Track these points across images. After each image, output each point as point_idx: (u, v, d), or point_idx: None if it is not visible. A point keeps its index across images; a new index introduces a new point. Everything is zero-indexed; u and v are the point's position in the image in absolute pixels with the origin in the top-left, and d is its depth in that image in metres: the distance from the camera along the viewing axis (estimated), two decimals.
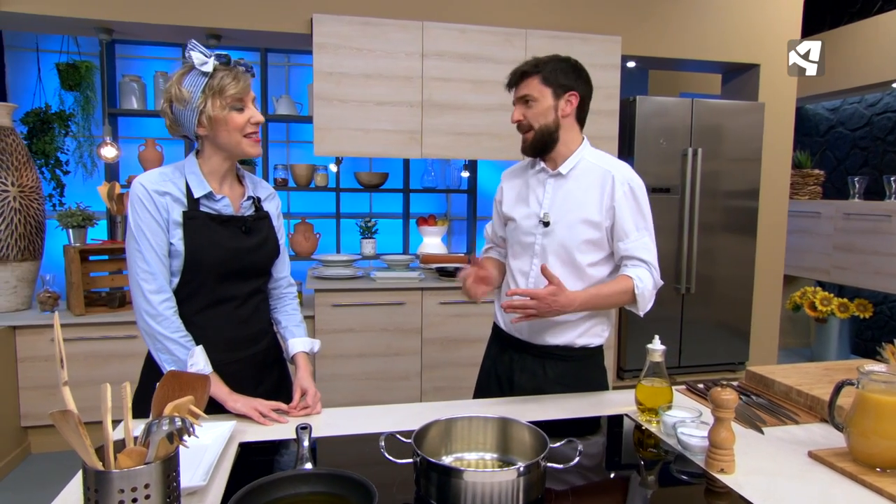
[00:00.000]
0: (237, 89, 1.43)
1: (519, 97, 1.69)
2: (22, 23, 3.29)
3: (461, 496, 1.03)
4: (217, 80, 1.42)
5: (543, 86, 1.66)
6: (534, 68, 1.67)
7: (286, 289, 1.72)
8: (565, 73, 1.69)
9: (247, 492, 0.96)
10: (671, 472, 1.26)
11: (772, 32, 3.90)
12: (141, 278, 1.43)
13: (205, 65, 1.43)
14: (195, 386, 0.88)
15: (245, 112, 1.46)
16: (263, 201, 1.62)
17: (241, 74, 1.46)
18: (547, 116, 1.66)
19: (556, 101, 1.67)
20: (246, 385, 1.54)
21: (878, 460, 1.19)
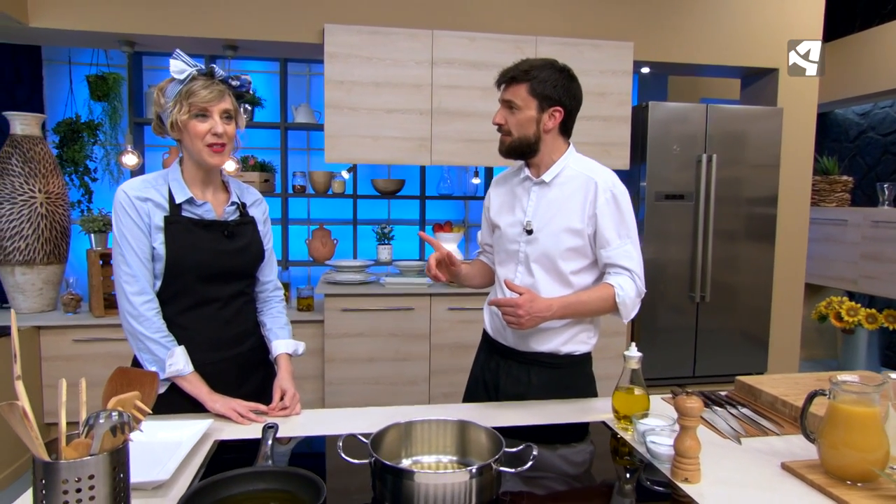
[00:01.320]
0: (201, 97, 1.46)
1: (504, 101, 1.66)
2: (51, 38, 3.45)
3: (414, 497, 1.04)
4: (187, 87, 1.47)
5: (529, 96, 1.62)
6: (523, 75, 1.63)
7: (272, 292, 1.76)
8: (554, 85, 1.63)
9: (199, 488, 1.00)
10: (635, 481, 1.25)
11: (791, 36, 3.82)
12: (124, 280, 1.49)
13: (181, 73, 1.48)
14: (143, 382, 0.92)
15: (207, 122, 1.48)
16: (249, 207, 1.67)
17: (214, 86, 1.48)
18: (528, 128, 1.64)
19: (540, 115, 1.64)
20: (229, 385, 1.58)
21: (848, 473, 1.16)
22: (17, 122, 3.26)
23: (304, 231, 4.33)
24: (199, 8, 3.31)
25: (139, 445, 1.30)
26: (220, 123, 1.49)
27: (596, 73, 3.53)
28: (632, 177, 3.79)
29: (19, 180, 3.18)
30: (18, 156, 3.21)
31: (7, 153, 3.22)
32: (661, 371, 3.68)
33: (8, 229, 3.18)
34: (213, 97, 1.48)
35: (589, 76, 3.53)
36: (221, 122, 1.50)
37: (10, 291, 3.29)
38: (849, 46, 4.61)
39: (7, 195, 3.17)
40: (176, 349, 1.49)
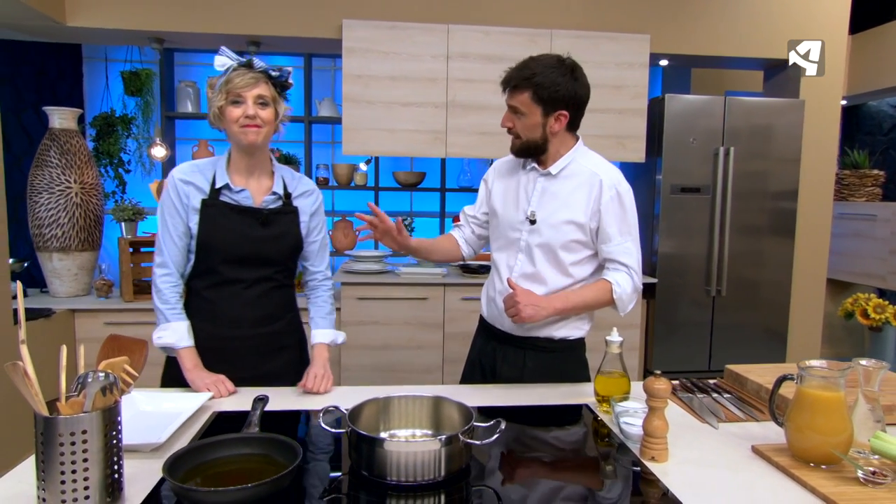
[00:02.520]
0: (235, 84, 1.57)
1: (511, 106, 1.67)
2: (87, 36, 3.63)
3: (386, 465, 1.12)
4: (226, 76, 1.58)
5: (533, 103, 1.63)
6: (526, 82, 1.62)
7: (321, 281, 1.86)
8: (557, 89, 1.62)
9: (185, 451, 1.09)
10: (606, 460, 1.30)
11: (815, 27, 3.75)
12: (155, 252, 1.65)
13: (222, 66, 1.59)
14: (132, 349, 1.02)
15: (241, 107, 1.58)
16: (296, 198, 1.74)
17: (249, 73, 1.59)
18: (534, 132, 1.67)
19: (545, 119, 1.65)
20: (249, 361, 1.69)
21: (811, 455, 1.19)
22: (55, 117, 3.44)
23: (328, 222, 4.44)
24: (224, 6, 3.44)
25: (144, 413, 1.41)
26: (251, 107, 1.59)
27: (611, 66, 3.54)
28: (647, 170, 3.79)
29: (56, 171, 3.36)
30: (56, 148, 3.39)
31: (46, 146, 3.41)
32: (676, 364, 3.67)
33: (46, 218, 3.37)
34: (247, 83, 1.58)
35: (604, 69, 3.54)
36: (254, 106, 1.59)
37: (49, 276, 3.48)
38: (879, 37, 4.49)
39: (45, 185, 3.36)
40: (173, 324, 1.61)
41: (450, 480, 1.15)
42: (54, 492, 0.93)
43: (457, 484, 1.16)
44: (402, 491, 1.12)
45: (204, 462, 1.10)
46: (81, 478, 0.94)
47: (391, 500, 1.10)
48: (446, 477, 1.14)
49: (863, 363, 1.25)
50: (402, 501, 1.10)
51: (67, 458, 0.93)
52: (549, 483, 1.19)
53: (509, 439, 1.40)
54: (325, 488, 1.14)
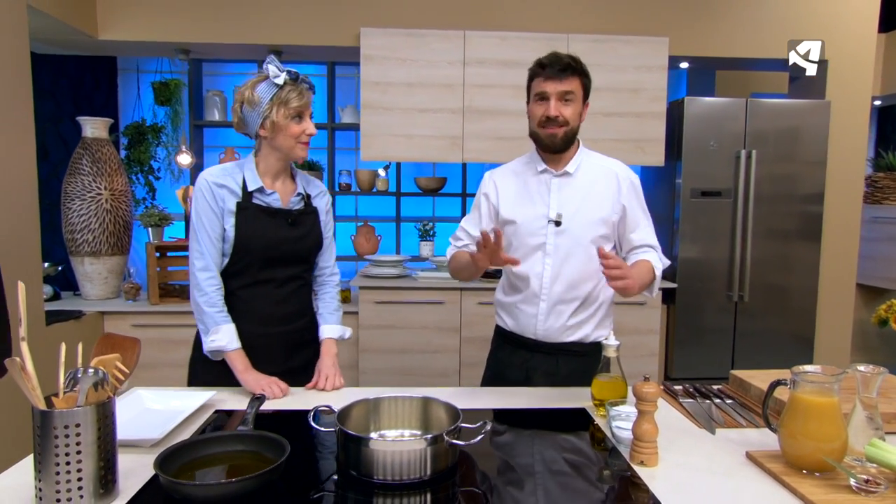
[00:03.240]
0: (300, 103, 1.65)
1: (561, 91, 1.67)
2: (117, 48, 3.78)
3: (373, 464, 1.14)
4: (285, 93, 1.64)
5: (581, 90, 1.71)
6: (578, 66, 1.69)
7: (329, 276, 1.91)
8: (589, 79, 1.74)
9: (177, 447, 1.13)
10: (595, 462, 1.29)
11: (843, 25, 3.66)
12: (194, 256, 1.69)
13: (277, 77, 1.64)
14: (125, 347, 1.07)
15: (302, 124, 1.67)
16: (314, 198, 1.82)
17: (304, 91, 1.67)
18: (577, 118, 1.72)
19: (582, 107, 1.73)
20: (276, 358, 1.74)
21: (805, 462, 1.17)
22: (87, 126, 3.58)
23: (351, 227, 4.51)
24: (246, 17, 3.54)
25: (150, 410, 1.47)
26: (312, 125, 1.69)
27: (630, 70, 3.51)
28: (667, 174, 3.74)
29: (88, 179, 3.50)
30: (88, 156, 3.53)
31: (79, 154, 3.55)
32: (697, 371, 3.61)
33: (78, 223, 3.50)
34: (306, 102, 1.67)
35: (622, 72, 3.52)
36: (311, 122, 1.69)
37: (80, 280, 3.62)
38: None
39: (78, 192, 3.50)
40: (223, 326, 1.65)
41: (436, 480, 1.16)
42: (50, 483, 0.98)
43: (443, 483, 1.17)
44: (389, 489, 1.14)
45: (196, 458, 1.14)
46: (75, 469, 0.99)
47: (378, 499, 1.12)
48: (432, 476, 1.16)
49: (861, 369, 1.22)
50: (389, 500, 1.12)
51: (62, 450, 0.98)
52: (535, 486, 1.19)
53: (502, 441, 1.41)
54: (315, 487, 1.16)
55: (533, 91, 1.74)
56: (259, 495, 1.06)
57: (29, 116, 2.88)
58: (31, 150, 2.88)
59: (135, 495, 1.08)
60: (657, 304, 3.55)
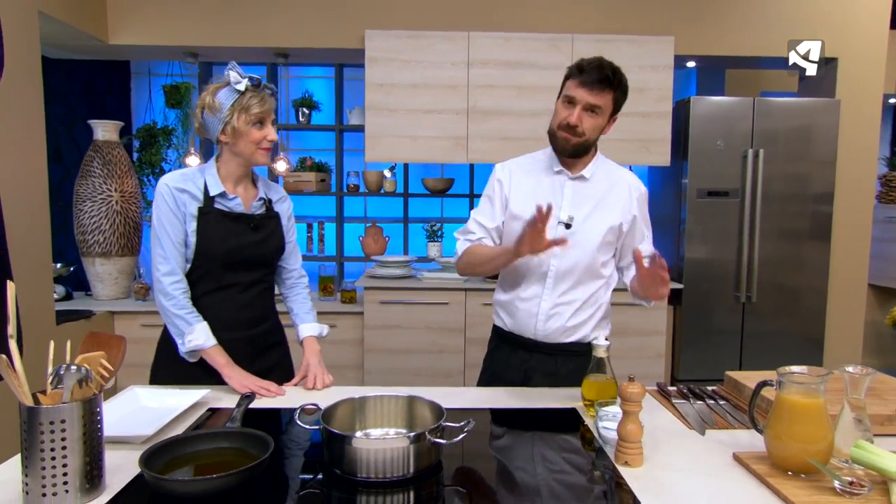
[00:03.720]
0: (260, 110, 1.65)
1: (589, 103, 1.63)
2: (127, 52, 3.84)
3: (356, 462, 1.15)
4: (246, 99, 1.64)
5: (611, 104, 1.67)
6: (616, 81, 1.65)
7: (297, 279, 1.93)
8: (625, 96, 1.71)
9: (165, 443, 1.15)
10: (580, 462, 1.29)
11: (852, 22, 3.60)
12: (157, 262, 1.68)
13: (238, 84, 1.64)
14: (110, 345, 1.09)
15: (263, 130, 1.67)
16: (275, 203, 1.83)
17: (266, 97, 1.67)
18: (597, 132, 1.70)
19: (607, 123, 1.71)
20: (242, 362, 1.74)
21: (790, 463, 1.16)
22: (98, 129, 3.64)
23: (360, 228, 4.54)
24: (253, 20, 3.58)
25: (145, 408, 1.50)
26: (273, 131, 1.69)
27: (635, 69, 3.49)
28: (673, 173, 3.72)
29: (99, 181, 3.56)
30: (99, 159, 3.59)
31: (90, 157, 3.61)
32: (704, 372, 3.58)
33: (89, 224, 3.57)
34: (267, 108, 1.67)
35: (627, 72, 3.42)
36: (273, 129, 1.70)
37: (92, 280, 3.68)
38: None
39: (89, 194, 3.56)
40: (197, 325, 1.67)
41: (420, 478, 1.17)
42: (36, 477, 1.00)
43: (428, 481, 1.18)
44: (373, 487, 1.15)
45: (182, 455, 1.16)
46: (61, 464, 1.01)
47: (362, 497, 1.13)
48: (416, 474, 1.16)
49: (849, 370, 1.21)
50: (373, 498, 1.13)
51: (48, 445, 1.00)
52: (518, 485, 1.19)
53: (490, 441, 1.42)
54: (300, 484, 1.18)
55: (564, 91, 1.69)
56: (243, 492, 1.08)
57: (40, 120, 2.94)
58: (41, 154, 2.94)
59: (120, 491, 1.10)
60: (663, 304, 3.53)
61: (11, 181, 2.70)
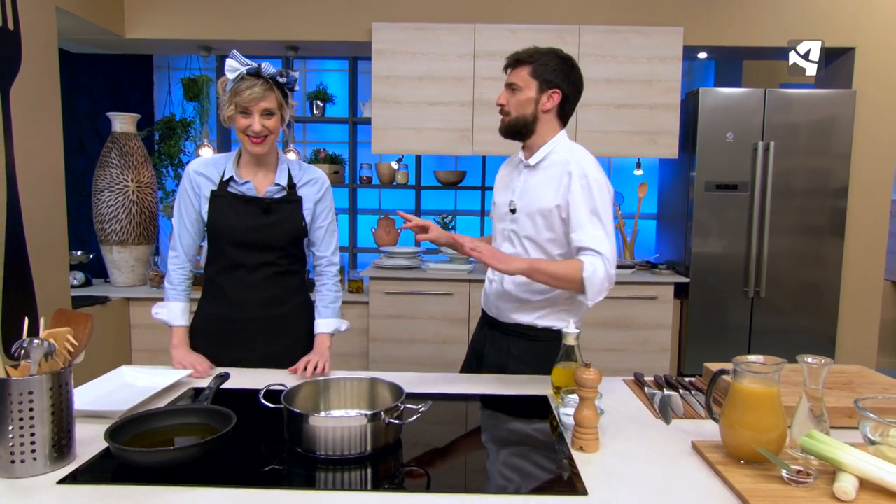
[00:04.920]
0: (244, 97, 1.67)
1: (508, 84, 1.77)
2: (143, 46, 3.95)
3: (315, 440, 1.19)
4: (236, 86, 1.69)
5: (531, 77, 1.73)
6: (528, 58, 1.75)
7: (326, 267, 1.94)
8: (555, 70, 1.73)
9: (131, 418, 1.21)
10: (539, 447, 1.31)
11: (870, 10, 3.50)
12: (170, 237, 1.84)
13: (233, 72, 1.70)
14: (77, 322, 1.14)
15: (248, 119, 1.70)
16: (300, 187, 1.84)
17: (259, 87, 1.68)
18: (526, 107, 1.75)
19: (539, 95, 1.74)
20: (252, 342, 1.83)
21: (742, 452, 1.16)
22: (117, 121, 3.76)
23: (374, 220, 4.59)
24: (264, 14, 3.64)
25: (128, 385, 1.56)
26: (257, 121, 1.69)
27: (643, 61, 3.46)
28: (682, 166, 3.67)
29: (116, 171, 3.68)
30: (116, 150, 3.71)
31: (108, 148, 3.73)
32: None
33: (107, 213, 3.69)
34: (255, 97, 1.67)
35: (635, 64, 3.47)
36: (260, 119, 1.70)
37: (109, 267, 3.81)
38: None
39: (107, 184, 3.68)
40: (170, 303, 1.79)
41: (378, 456, 1.21)
42: (5, 445, 1.07)
43: (385, 459, 1.22)
44: (332, 464, 1.19)
45: (150, 429, 1.22)
46: (28, 434, 1.07)
47: (321, 473, 1.17)
48: (373, 452, 1.20)
49: (808, 360, 1.20)
50: (332, 474, 1.16)
51: (16, 415, 1.06)
52: (473, 467, 1.22)
53: (456, 424, 1.45)
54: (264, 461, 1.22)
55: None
56: (210, 467, 1.13)
57: (57, 113, 3.05)
58: (58, 146, 3.05)
59: (89, 460, 1.16)
60: (669, 298, 3.50)
61: (29, 171, 2.81)
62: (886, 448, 1.12)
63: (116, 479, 1.10)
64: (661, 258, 3.99)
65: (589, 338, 3.53)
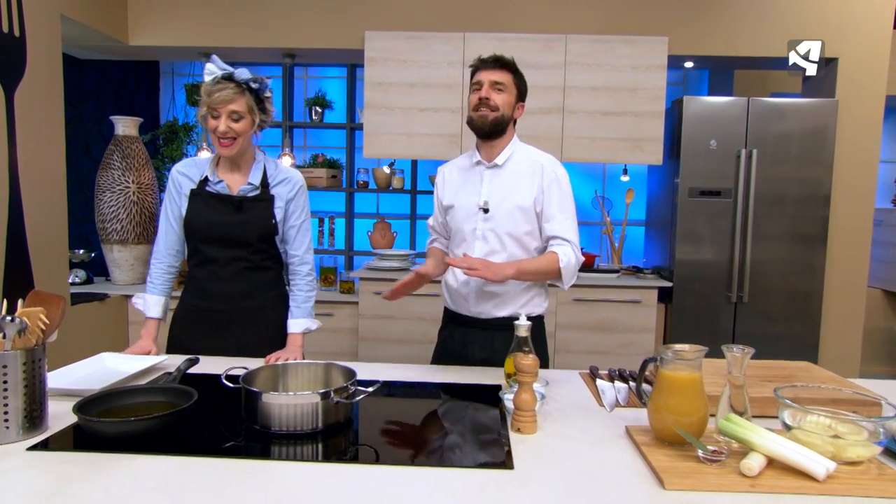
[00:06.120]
0: (213, 99, 1.78)
1: (493, 81, 1.83)
2: (146, 53, 4.09)
3: (269, 416, 1.28)
4: (209, 89, 1.80)
5: (513, 85, 1.88)
6: (512, 65, 1.87)
7: (298, 265, 2.01)
8: (525, 85, 1.92)
9: (98, 395, 1.31)
10: (482, 430, 1.38)
11: (853, 22, 3.56)
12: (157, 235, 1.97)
13: (209, 76, 1.81)
14: (50, 303, 1.24)
15: (216, 121, 1.80)
16: (274, 186, 1.93)
17: (230, 90, 1.78)
18: (508, 110, 1.87)
19: (516, 103, 1.89)
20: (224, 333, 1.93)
21: (666, 434, 1.23)
22: (119, 125, 3.90)
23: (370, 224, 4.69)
24: (261, 22, 3.77)
25: (107, 369, 1.66)
26: (223, 123, 1.79)
27: (628, 69, 3.54)
28: (667, 173, 3.74)
29: (118, 173, 3.81)
30: (119, 153, 3.84)
31: (111, 150, 3.87)
32: None
33: (108, 213, 3.82)
34: (223, 99, 1.78)
35: (621, 72, 3.56)
36: (226, 121, 1.79)
37: (110, 266, 3.94)
38: None
39: (108, 185, 3.81)
40: (147, 296, 1.92)
41: (329, 432, 1.30)
42: None
43: (336, 436, 1.31)
44: (286, 439, 1.28)
45: (118, 406, 1.32)
46: (1, 404, 1.17)
47: (276, 448, 1.26)
48: (325, 428, 1.29)
49: (733, 350, 1.27)
50: (286, 448, 1.25)
51: None
52: (417, 445, 1.31)
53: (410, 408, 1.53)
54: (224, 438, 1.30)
55: (472, 83, 1.90)
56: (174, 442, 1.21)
57: (59, 117, 3.19)
58: (60, 148, 3.19)
59: (59, 431, 1.26)
60: (653, 302, 3.56)
61: (32, 172, 2.94)
62: (799, 432, 1.19)
63: (83, 447, 1.20)
64: (648, 263, 4.05)
65: (573, 340, 3.60)
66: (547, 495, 1.05)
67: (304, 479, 1.09)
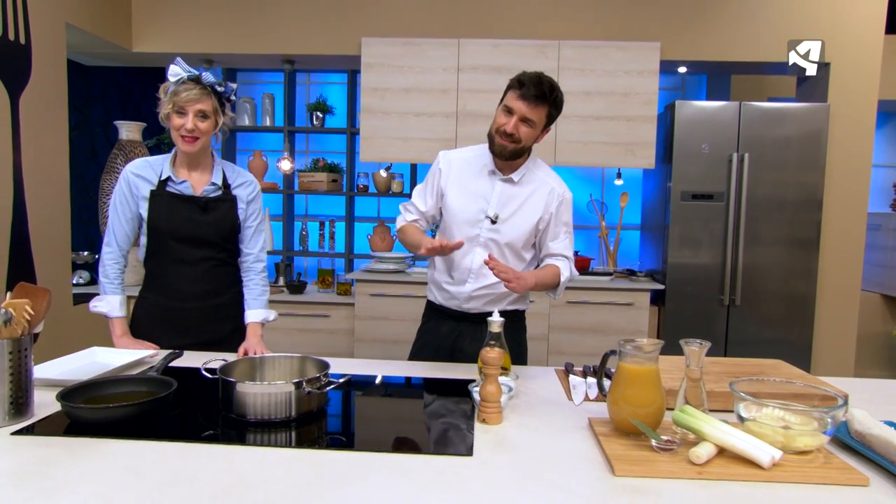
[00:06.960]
0: (181, 98, 1.83)
1: (525, 115, 1.80)
2: (149, 60, 4.19)
3: (244, 405, 1.34)
4: (175, 89, 1.85)
5: (545, 117, 1.85)
6: (550, 96, 1.80)
7: (252, 263, 2.08)
8: (558, 110, 1.86)
9: (82, 384, 1.37)
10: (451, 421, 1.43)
11: (845, 28, 3.59)
12: (105, 234, 1.97)
13: (175, 77, 1.86)
14: (36, 295, 1.31)
15: (182, 118, 1.85)
16: (235, 188, 2.01)
17: (198, 90, 1.85)
18: (531, 140, 1.89)
19: (540, 133, 1.91)
20: (191, 330, 1.98)
21: (624, 425, 1.27)
22: (123, 129, 3.99)
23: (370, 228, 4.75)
24: (262, 29, 3.86)
25: (95, 363, 1.72)
26: (190, 121, 1.85)
27: (621, 74, 3.59)
28: (659, 177, 3.77)
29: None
30: (122, 156, 3.93)
31: (114, 154, 3.96)
32: None
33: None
34: (191, 98, 1.84)
35: (614, 77, 3.60)
36: (194, 119, 1.85)
37: None
38: None
39: (111, 189, 3.90)
40: (108, 296, 1.95)
41: (302, 421, 1.35)
42: None
43: (309, 424, 1.36)
44: (260, 426, 1.33)
45: (101, 395, 1.37)
46: None
47: (251, 435, 1.31)
48: (298, 417, 1.35)
49: (691, 344, 1.31)
50: (261, 435, 1.30)
51: None
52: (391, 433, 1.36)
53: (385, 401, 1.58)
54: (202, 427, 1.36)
55: (505, 100, 1.85)
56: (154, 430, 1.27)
57: (63, 122, 3.28)
58: (63, 152, 3.28)
59: (44, 417, 1.32)
60: (645, 305, 3.59)
61: (36, 175, 3.04)
62: (752, 423, 1.23)
63: (66, 433, 1.26)
64: (642, 266, 4.08)
65: (566, 342, 3.64)
66: (499, 478, 1.10)
67: (273, 461, 1.15)
